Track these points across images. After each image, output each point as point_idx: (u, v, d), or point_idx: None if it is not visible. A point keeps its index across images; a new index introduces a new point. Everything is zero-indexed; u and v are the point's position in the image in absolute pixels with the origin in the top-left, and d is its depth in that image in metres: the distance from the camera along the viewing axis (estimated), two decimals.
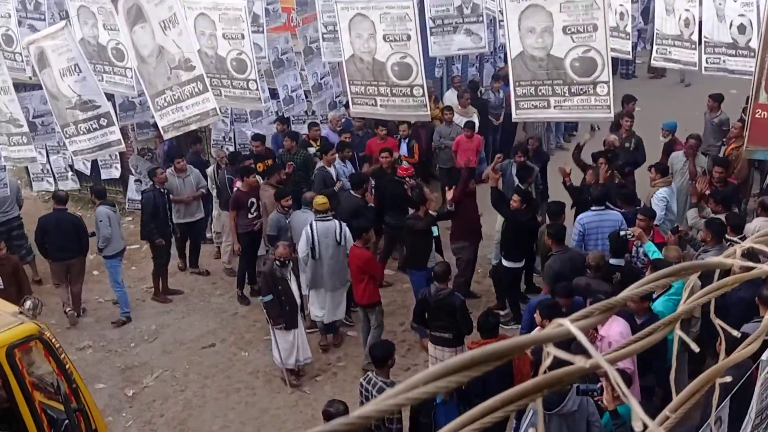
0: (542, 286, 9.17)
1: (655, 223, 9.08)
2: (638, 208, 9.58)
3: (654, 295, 7.32)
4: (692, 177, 10.51)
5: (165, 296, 11.49)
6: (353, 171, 11.91)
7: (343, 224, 9.72)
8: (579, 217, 9.46)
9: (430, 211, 10.16)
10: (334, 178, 11.42)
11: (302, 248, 9.66)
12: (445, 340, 8.32)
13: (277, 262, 8.96)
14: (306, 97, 13.47)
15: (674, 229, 9.09)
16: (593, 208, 9.35)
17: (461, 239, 10.34)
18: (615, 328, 6.71)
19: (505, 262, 10.02)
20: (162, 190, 11.12)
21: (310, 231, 9.58)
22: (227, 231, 11.78)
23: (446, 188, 10.91)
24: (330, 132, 12.97)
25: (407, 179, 10.85)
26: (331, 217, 9.75)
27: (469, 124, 12.79)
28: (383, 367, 7.09)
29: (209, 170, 12.39)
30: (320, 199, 9.75)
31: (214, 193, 12.22)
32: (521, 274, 10.25)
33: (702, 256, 8.10)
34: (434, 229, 10.02)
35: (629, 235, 8.55)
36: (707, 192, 9.58)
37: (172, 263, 11.88)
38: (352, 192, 10.86)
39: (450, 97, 14.62)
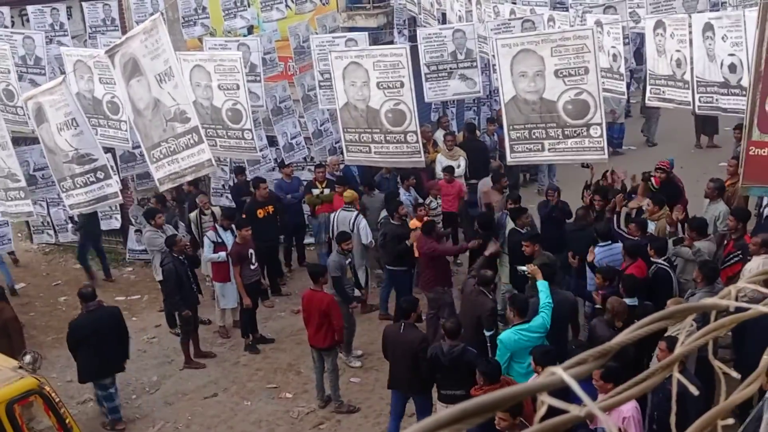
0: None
1: None
2: (649, 234, 9.65)
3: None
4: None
5: (198, 362, 10.98)
6: (417, 197, 12.33)
7: (359, 216, 11.36)
8: None
9: None
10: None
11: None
12: (458, 398, 7.81)
13: None
14: (306, 143, 13.61)
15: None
16: (600, 244, 9.40)
17: (437, 285, 10.24)
18: (628, 402, 6.54)
19: None
20: (181, 257, 10.66)
21: (331, 218, 11.58)
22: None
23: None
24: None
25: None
26: (353, 209, 11.43)
27: (449, 169, 12.76)
28: None
29: (192, 215, 12.44)
30: (348, 193, 11.71)
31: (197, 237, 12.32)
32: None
33: (691, 299, 8.09)
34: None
35: (525, 271, 8.66)
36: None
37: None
38: (392, 220, 11.13)
39: (439, 137, 14.72)
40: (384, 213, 11.61)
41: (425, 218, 10.90)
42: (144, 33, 7.13)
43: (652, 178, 11.21)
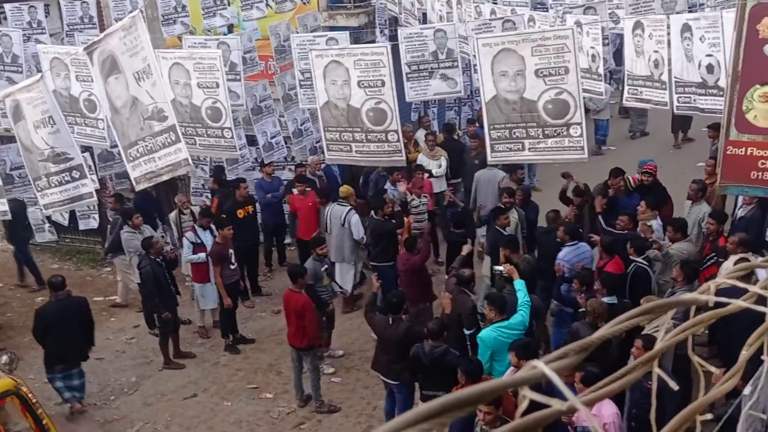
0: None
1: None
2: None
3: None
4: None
5: (177, 362, 10.89)
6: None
7: (352, 211, 11.41)
8: (559, 256, 9.49)
9: None
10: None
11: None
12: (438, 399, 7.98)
13: None
14: (286, 143, 13.57)
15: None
16: (567, 244, 9.48)
17: (420, 301, 10.06)
18: (608, 409, 6.45)
19: None
20: (158, 259, 10.57)
21: (326, 211, 11.67)
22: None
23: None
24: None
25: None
26: (346, 204, 11.51)
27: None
28: None
29: (172, 215, 12.40)
30: (344, 188, 11.85)
31: (176, 237, 12.30)
32: None
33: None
34: None
35: (501, 271, 8.73)
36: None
37: None
38: (375, 216, 11.22)
39: (420, 136, 14.70)
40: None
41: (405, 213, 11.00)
42: (123, 30, 7.07)
43: (630, 178, 11.25)
